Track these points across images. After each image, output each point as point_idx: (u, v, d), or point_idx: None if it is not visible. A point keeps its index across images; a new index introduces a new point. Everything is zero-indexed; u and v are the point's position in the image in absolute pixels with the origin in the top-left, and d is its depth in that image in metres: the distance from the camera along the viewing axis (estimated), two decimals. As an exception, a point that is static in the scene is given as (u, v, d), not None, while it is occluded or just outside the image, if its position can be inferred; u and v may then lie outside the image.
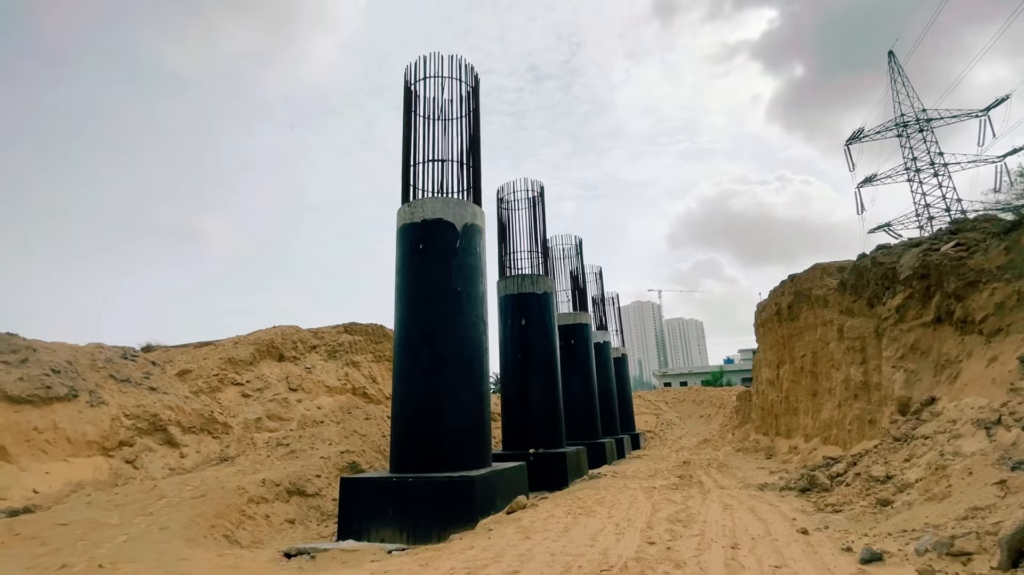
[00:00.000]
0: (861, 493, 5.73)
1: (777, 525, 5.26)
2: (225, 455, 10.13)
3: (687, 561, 4.11)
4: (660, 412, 28.52)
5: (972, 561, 3.42)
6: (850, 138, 48.50)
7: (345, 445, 11.03)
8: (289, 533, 7.29)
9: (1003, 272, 6.14)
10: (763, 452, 14.45)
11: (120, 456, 8.98)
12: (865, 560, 3.88)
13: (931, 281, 7.59)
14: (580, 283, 17.72)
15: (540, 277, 12.90)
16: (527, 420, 11.71)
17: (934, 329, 7.47)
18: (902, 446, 6.13)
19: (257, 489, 7.76)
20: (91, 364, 10.02)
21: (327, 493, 8.73)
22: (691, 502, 6.80)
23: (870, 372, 9.58)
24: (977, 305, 6.44)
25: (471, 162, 9.25)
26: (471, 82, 9.71)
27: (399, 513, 6.54)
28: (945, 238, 8.19)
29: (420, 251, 8.11)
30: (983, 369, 6.01)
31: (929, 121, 44.75)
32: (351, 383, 15.27)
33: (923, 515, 4.45)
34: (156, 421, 9.89)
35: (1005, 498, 3.97)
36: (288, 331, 15.05)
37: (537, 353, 12.20)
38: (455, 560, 4.56)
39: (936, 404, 6.43)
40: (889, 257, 8.97)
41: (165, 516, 6.24)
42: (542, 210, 13.82)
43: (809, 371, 12.58)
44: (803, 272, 13.23)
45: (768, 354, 16.07)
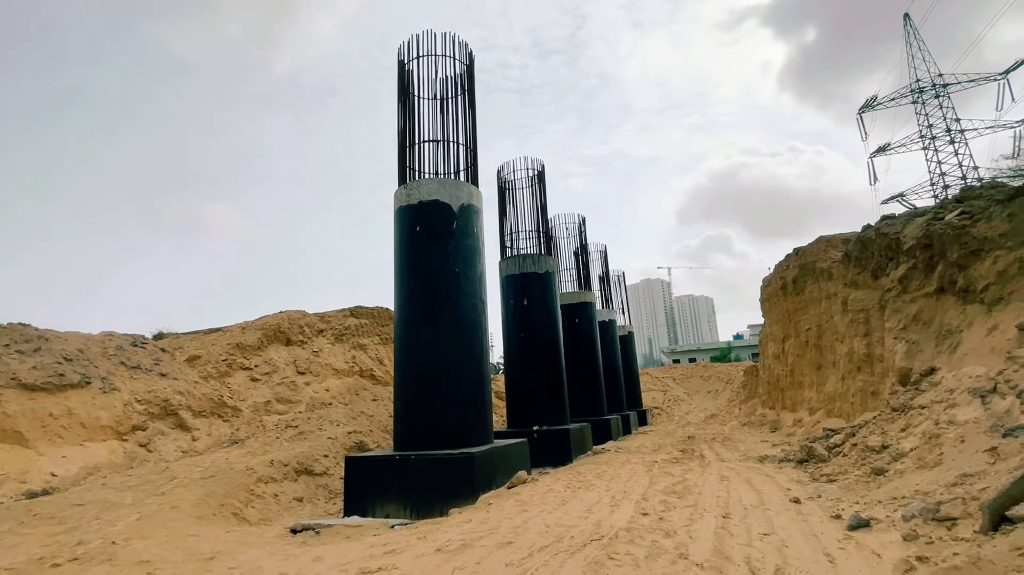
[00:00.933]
0: (856, 463, 5.76)
1: (771, 495, 5.32)
2: (235, 437, 10.39)
3: (677, 530, 4.19)
4: (667, 389, 28.64)
5: (956, 526, 3.45)
6: (863, 106, 47.27)
7: (352, 426, 11.26)
8: (297, 511, 7.52)
9: (1005, 240, 6.03)
10: (768, 426, 14.50)
11: (134, 440, 9.25)
12: (852, 527, 3.93)
13: (934, 251, 7.47)
14: (584, 262, 17.67)
15: (542, 257, 12.88)
16: (531, 398, 11.84)
17: (936, 299, 7.38)
18: (899, 416, 6.13)
19: (266, 469, 7.98)
20: (102, 352, 10.26)
21: (334, 472, 8.95)
22: (689, 475, 6.88)
23: (873, 344, 9.53)
24: (979, 274, 6.34)
25: (467, 142, 9.19)
26: (465, 60, 9.58)
27: (402, 489, 6.71)
28: (951, 206, 8.03)
29: (417, 233, 8.13)
30: (983, 338, 5.95)
31: (946, 86, 43.42)
32: (358, 365, 15.49)
33: (914, 483, 4.48)
34: (167, 406, 10.15)
35: (995, 464, 3.98)
36: (295, 316, 15.23)
37: (540, 332, 12.27)
38: (452, 532, 4.68)
39: (935, 374, 6.40)
40: (893, 227, 8.82)
41: (176, 496, 6.45)
42: (543, 188, 13.74)
43: (814, 344, 12.53)
44: (808, 245, 13.08)
45: (774, 328, 16.00)
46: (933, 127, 42.84)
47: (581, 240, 17.69)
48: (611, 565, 3.38)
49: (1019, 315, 5.54)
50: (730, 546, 3.72)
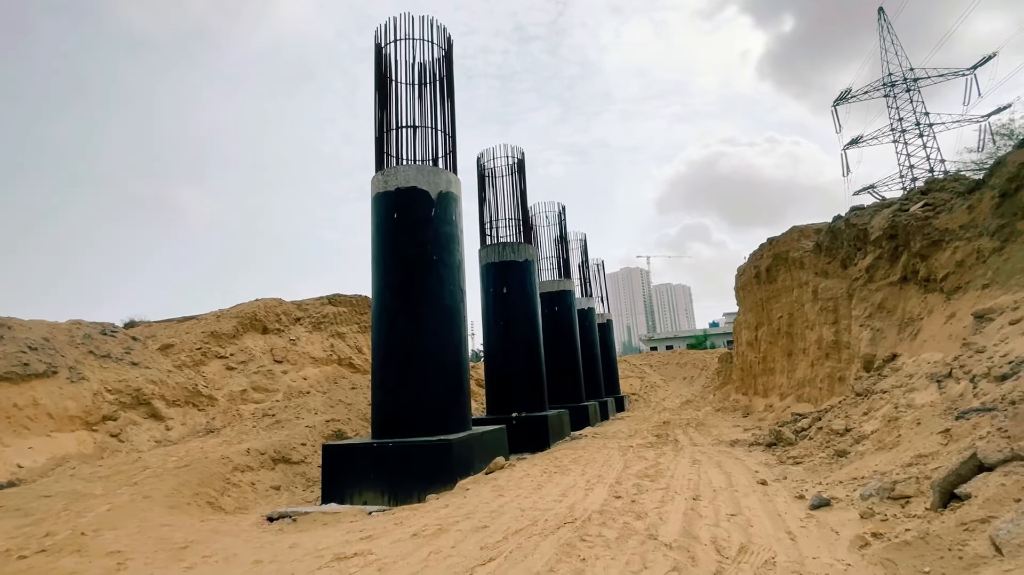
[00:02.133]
0: (821, 446, 5.99)
1: (739, 478, 5.50)
2: (211, 427, 10.25)
3: (648, 512, 4.32)
4: (644, 375, 29.15)
5: (910, 503, 3.63)
6: (837, 99, 48.15)
7: (331, 414, 11.19)
8: (274, 499, 7.48)
9: (965, 231, 6.27)
10: (741, 411, 14.92)
11: (104, 430, 9.05)
12: (814, 506, 4.11)
13: (899, 241, 7.73)
14: (564, 250, 17.75)
15: (521, 245, 12.90)
16: (510, 385, 11.93)
17: (900, 288, 7.65)
18: (863, 400, 6.38)
19: (242, 458, 7.90)
20: (69, 340, 9.97)
21: (312, 460, 8.92)
22: (662, 459, 7.06)
23: (841, 331, 9.85)
24: (939, 264, 6.59)
25: (446, 128, 9.09)
26: (444, 44, 9.44)
27: (380, 476, 6.73)
28: (916, 198, 8.30)
29: (395, 220, 8.05)
30: (941, 325, 6.21)
31: (916, 80, 44.49)
32: (337, 354, 15.36)
33: (873, 463, 4.69)
34: (139, 395, 9.94)
35: (947, 446, 4.19)
36: (271, 304, 14.99)
37: (519, 320, 12.33)
38: (429, 518, 4.74)
39: (897, 360, 6.66)
40: (861, 218, 9.09)
41: (149, 486, 6.36)
42: (523, 176, 13.71)
43: (785, 332, 12.89)
44: (782, 235, 13.38)
45: (747, 316, 16.39)
46: (903, 120, 43.95)
47: (561, 229, 17.75)
48: (583, 546, 3.47)
49: (975, 303, 5.79)
50: (698, 527, 3.85)
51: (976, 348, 5.09)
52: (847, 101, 47.89)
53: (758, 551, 3.26)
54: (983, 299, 5.72)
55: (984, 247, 5.99)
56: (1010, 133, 16.57)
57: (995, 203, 5.91)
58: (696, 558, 3.19)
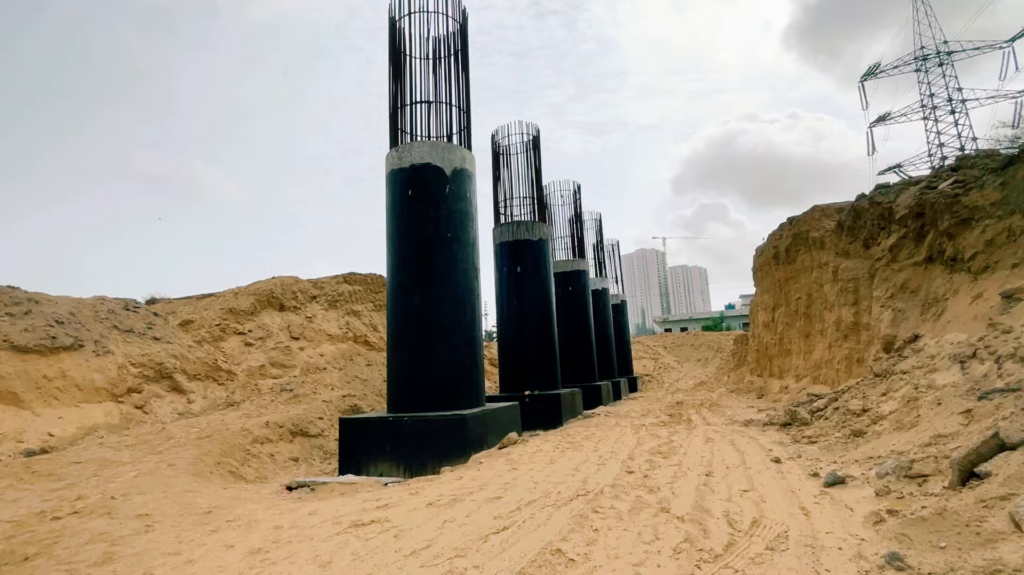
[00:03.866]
0: (837, 426, 5.93)
1: (753, 455, 5.49)
2: (231, 400, 10.52)
3: (661, 487, 4.34)
4: (658, 356, 29.07)
5: (927, 482, 3.59)
6: (865, 74, 46.37)
7: (347, 390, 11.40)
8: (292, 470, 7.69)
9: (996, 209, 6.05)
10: (755, 392, 14.83)
11: (130, 402, 9.35)
12: (828, 483, 4.09)
13: (925, 220, 7.50)
14: (578, 230, 17.61)
15: (536, 224, 12.81)
16: (523, 364, 12.00)
17: (925, 268, 7.45)
18: (881, 381, 6.28)
19: (261, 430, 8.12)
20: (94, 315, 10.24)
21: (329, 434, 9.12)
22: (675, 437, 7.07)
23: (861, 313, 9.66)
24: (967, 243, 6.39)
25: (460, 104, 8.98)
26: (459, 17, 9.26)
27: (396, 449, 6.87)
28: (945, 175, 8.01)
29: (409, 197, 8.04)
30: (967, 305, 6.05)
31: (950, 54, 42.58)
32: (352, 331, 15.57)
33: (891, 443, 4.63)
34: (162, 369, 10.21)
35: (968, 426, 4.11)
36: (288, 282, 15.19)
37: (533, 299, 12.32)
38: (443, 488, 4.83)
39: (919, 341, 6.53)
40: (887, 197, 8.82)
41: (173, 454, 6.58)
42: (538, 154, 13.54)
43: (803, 313, 12.69)
44: (802, 214, 13.07)
45: (764, 297, 16.16)
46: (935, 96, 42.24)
47: (576, 208, 17.58)
48: (595, 518, 3.51)
49: (1004, 283, 5.62)
50: (711, 501, 3.87)
51: (1003, 328, 4.96)
52: (875, 76, 46.10)
53: (771, 525, 3.27)
54: (1012, 279, 5.55)
55: (1016, 225, 5.79)
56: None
57: (1029, 179, 5.68)
58: (708, 530, 3.20)
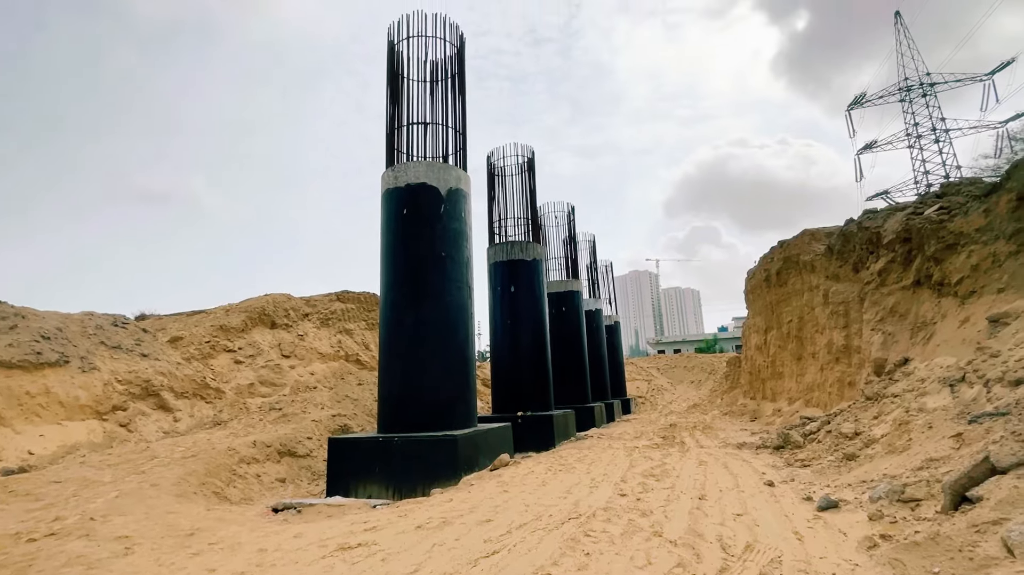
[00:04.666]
0: (830, 449, 5.92)
1: (746, 479, 5.45)
2: (218, 419, 10.33)
3: (654, 510, 4.29)
4: (652, 378, 28.99)
5: (920, 506, 3.58)
6: (852, 103, 47.69)
7: (337, 409, 11.24)
8: (279, 491, 7.53)
9: (981, 235, 6.18)
10: (749, 415, 14.79)
11: (114, 420, 9.16)
12: (822, 508, 4.06)
13: (913, 245, 7.62)
14: (572, 251, 17.71)
15: (530, 244, 12.89)
16: (516, 384, 11.92)
17: (913, 292, 7.55)
18: (873, 404, 6.30)
19: (248, 450, 7.96)
20: (81, 331, 10.10)
21: (318, 454, 8.96)
22: (668, 459, 7.01)
23: (852, 336, 9.73)
24: (954, 267, 6.49)
25: (457, 125, 9.11)
26: (457, 42, 9.46)
27: (385, 471, 6.75)
28: (931, 201, 8.19)
29: (404, 216, 8.08)
30: (955, 329, 6.11)
31: (933, 85, 43.91)
32: (344, 350, 15.43)
33: (883, 467, 4.62)
34: (148, 386, 10.04)
35: (959, 450, 4.12)
36: (280, 299, 15.10)
37: (526, 319, 12.31)
38: (433, 511, 4.74)
39: (909, 364, 6.57)
40: (874, 222, 8.98)
41: (156, 474, 6.42)
42: (532, 176, 13.70)
43: (795, 336, 12.76)
44: (793, 238, 13.26)
45: (757, 320, 16.25)
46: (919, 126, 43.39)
47: (570, 229, 17.71)
48: (587, 541, 3.45)
49: (990, 307, 5.70)
50: (704, 525, 3.82)
51: (991, 352, 5.01)
52: (861, 105, 47.38)
53: (764, 550, 3.23)
54: (998, 303, 5.63)
55: (1000, 251, 5.90)
56: (1028, 138, 16.31)
57: (1012, 206, 5.81)
58: (701, 555, 3.16)
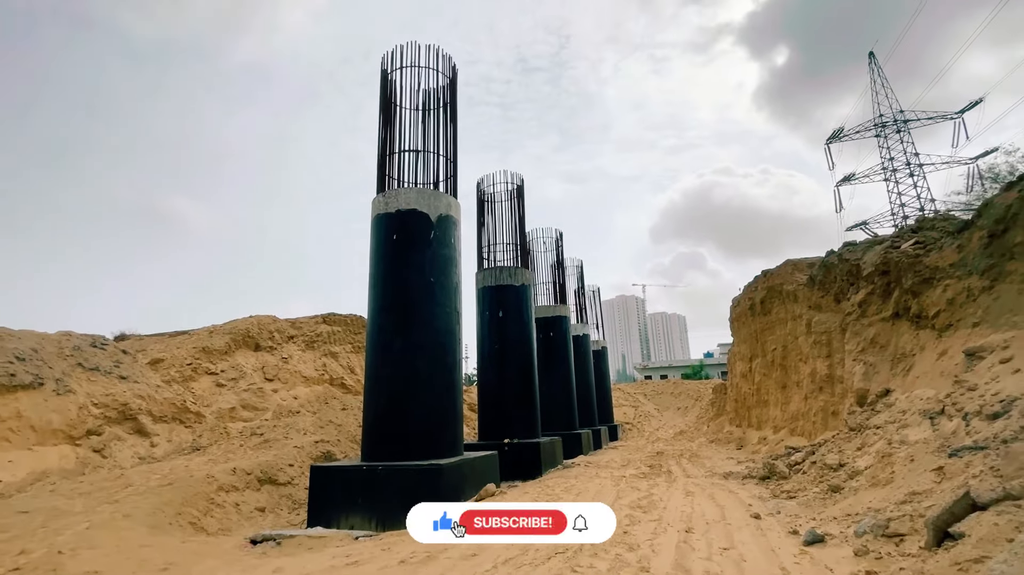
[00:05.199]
0: (815, 480, 5.94)
1: (733, 511, 5.44)
2: (197, 444, 10.06)
3: (641, 544, 4.25)
4: (639, 404, 28.93)
5: (904, 541, 3.60)
6: (830, 137, 49.29)
7: (320, 435, 11.02)
8: (258, 521, 7.31)
9: (955, 269, 6.38)
10: (735, 443, 14.80)
11: (88, 445, 8.87)
12: (808, 542, 4.06)
13: (891, 277, 7.83)
14: (560, 276, 17.84)
15: (518, 269, 12.96)
16: (503, 411, 11.82)
17: (892, 324, 7.72)
18: (856, 435, 6.37)
19: (227, 477, 7.74)
20: (58, 352, 9.84)
21: (300, 482, 8.74)
22: (655, 490, 6.97)
23: (835, 365, 9.88)
24: (931, 301, 6.68)
25: (448, 153, 9.25)
26: (449, 73, 9.68)
27: (368, 500, 6.60)
28: (907, 235, 8.46)
29: (394, 241, 8.11)
30: (933, 362, 6.25)
31: (906, 122, 45.67)
32: (329, 373, 15.21)
33: (867, 500, 4.66)
34: (126, 410, 9.77)
35: (941, 483, 4.17)
36: (265, 321, 14.91)
37: (514, 345, 12.29)
38: (417, 544, 4.63)
39: (890, 395, 6.68)
40: (854, 254, 9.22)
41: (130, 504, 6.20)
42: (522, 202, 13.87)
43: (779, 364, 12.90)
44: (776, 268, 13.53)
45: (742, 348, 16.41)
46: (894, 160, 44.94)
47: (558, 254, 17.88)
48: (574, 578, 3.40)
49: (966, 341, 5.85)
50: (691, 560, 3.80)
51: (968, 386, 5.12)
52: (840, 139, 49.02)
53: (751, 587, 3.21)
54: (974, 337, 5.78)
55: (974, 286, 6.09)
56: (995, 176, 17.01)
57: (984, 243, 6.03)
58: (689, 593, 3.13)
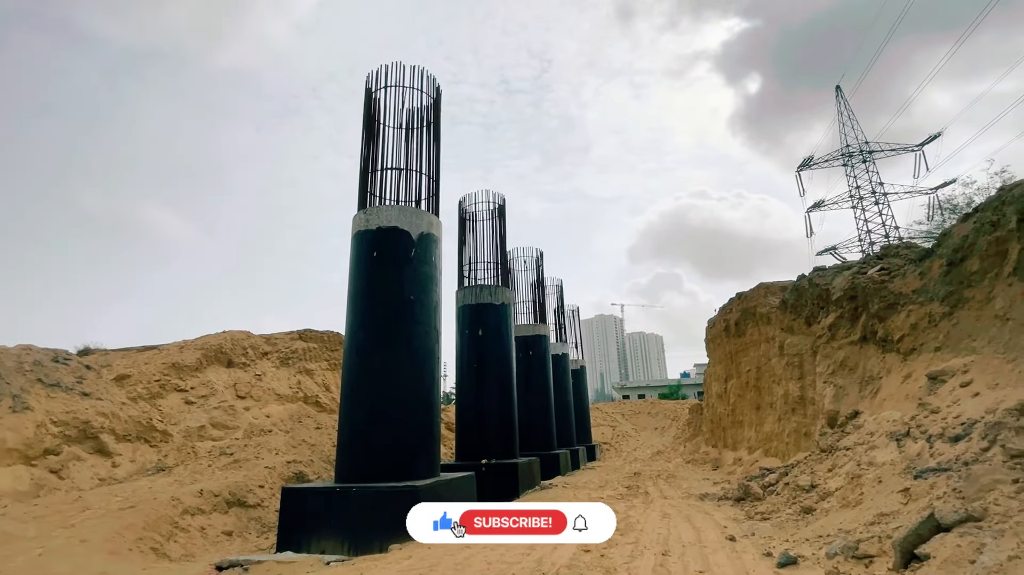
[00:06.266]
0: (788, 502, 6.03)
1: (708, 533, 5.47)
2: (162, 465, 9.68)
3: (618, 567, 4.24)
4: (616, 424, 28.97)
5: (873, 563, 3.68)
6: (800, 165, 51.20)
7: (292, 455, 10.73)
8: (225, 546, 7.03)
9: (918, 295, 6.65)
10: (711, 463, 14.91)
11: (44, 465, 8.44)
12: (781, 564, 4.11)
13: (859, 302, 8.11)
14: (540, 295, 17.94)
15: (499, 288, 13.00)
16: (481, 430, 11.72)
17: (860, 347, 7.97)
18: (827, 457, 6.50)
19: (193, 499, 7.46)
20: (17, 367, 9.42)
21: (270, 504, 8.47)
22: (632, 511, 6.97)
23: (806, 387, 10.11)
24: (895, 325, 6.93)
25: (430, 172, 9.31)
26: (433, 93, 9.80)
27: (341, 524, 6.42)
28: (872, 262, 8.79)
29: (374, 259, 8.07)
30: (899, 385, 6.46)
31: (871, 153, 47.79)
32: (303, 391, 14.88)
33: (838, 521, 4.74)
34: (87, 428, 9.36)
35: (907, 504, 4.29)
36: (239, 336, 14.56)
37: (493, 363, 12.26)
38: (391, 570, 4.54)
39: (859, 417, 6.86)
40: (824, 279, 9.53)
41: (88, 528, 5.91)
42: (503, 222, 13.99)
43: (753, 385, 13.12)
44: (749, 291, 13.86)
45: (717, 369, 16.66)
46: (860, 188, 46.87)
47: (538, 274, 18.01)
48: (551, 603, 3.37)
49: (929, 365, 6.08)
50: (667, 583, 3.80)
51: (931, 408, 5.31)
52: (810, 167, 50.97)
53: (726, 610, 3.23)
54: (936, 361, 6.01)
55: (935, 311, 6.35)
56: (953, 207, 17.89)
57: (944, 271, 6.32)
58: (665, 617, 3.13)
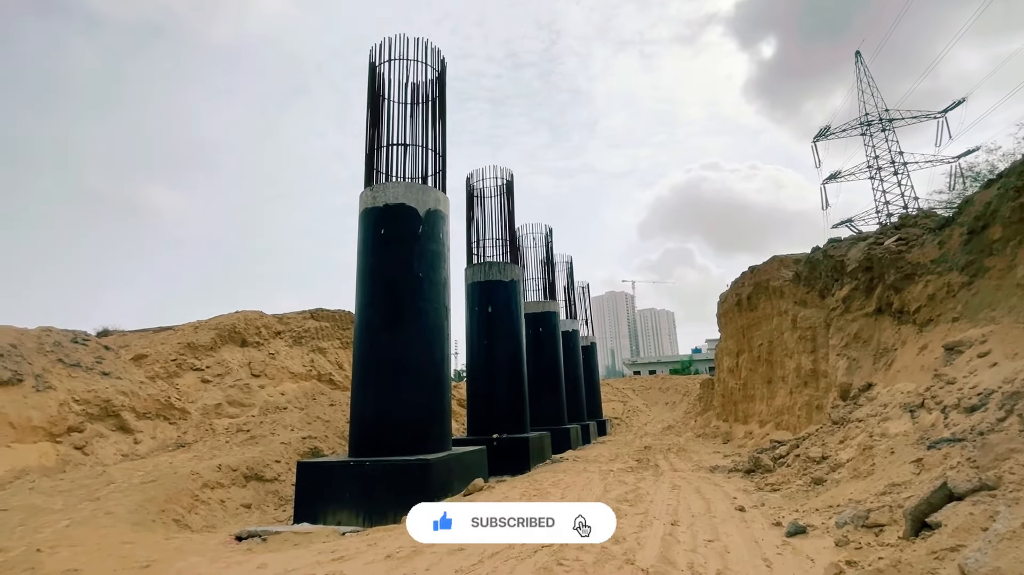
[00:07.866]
0: (798, 473, 6.03)
1: (718, 504, 5.50)
2: (182, 441, 9.94)
3: (627, 537, 4.28)
4: (627, 399, 29.14)
5: (883, 531, 3.67)
6: (817, 135, 49.82)
7: (307, 431, 10.96)
8: (244, 517, 7.25)
9: (936, 266, 6.49)
10: (721, 437, 14.96)
11: (68, 442, 8.72)
12: (790, 533, 4.12)
13: (874, 274, 7.95)
14: (549, 272, 17.87)
15: (508, 265, 12.95)
16: (491, 406, 11.83)
17: (875, 319, 7.84)
18: (839, 429, 6.46)
19: (212, 474, 7.67)
20: (38, 348, 9.66)
21: (286, 478, 8.68)
22: (642, 483, 7.03)
23: (819, 360, 10.02)
24: (912, 296, 6.79)
25: (436, 147, 9.19)
26: (438, 66, 9.61)
27: (356, 496, 6.58)
28: (890, 232, 8.58)
29: (382, 236, 8.06)
30: (914, 356, 6.36)
31: (891, 121, 46.29)
32: (316, 369, 15.11)
33: (849, 491, 4.73)
34: (108, 406, 9.62)
35: (920, 475, 4.25)
36: (252, 316, 14.76)
37: (503, 340, 12.30)
38: (404, 539, 4.63)
39: (872, 389, 6.78)
40: (839, 250, 9.34)
41: (112, 501, 6.12)
42: (511, 198, 13.85)
43: (765, 359, 13.05)
44: (762, 264, 13.67)
45: (729, 343, 16.58)
46: (879, 158, 45.57)
47: (547, 250, 17.89)
48: (560, 570, 3.42)
49: (946, 336, 5.96)
50: (676, 552, 3.83)
51: (947, 379, 5.22)
52: (826, 137, 49.58)
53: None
54: (953, 332, 5.89)
55: (954, 281, 6.20)
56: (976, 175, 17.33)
57: (964, 240, 6.14)
58: (673, 584, 3.16)
